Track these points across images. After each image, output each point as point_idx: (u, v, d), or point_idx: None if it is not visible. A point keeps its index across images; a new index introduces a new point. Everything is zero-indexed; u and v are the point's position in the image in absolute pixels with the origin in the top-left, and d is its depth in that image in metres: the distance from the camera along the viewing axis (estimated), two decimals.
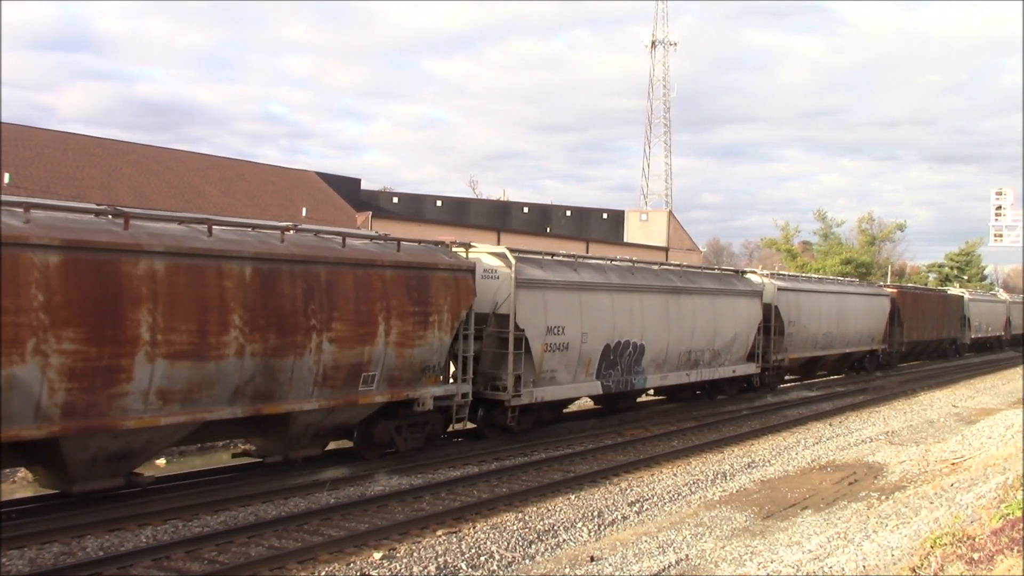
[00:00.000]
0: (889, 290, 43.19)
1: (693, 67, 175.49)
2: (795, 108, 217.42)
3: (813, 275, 38.36)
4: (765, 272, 31.87)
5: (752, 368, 28.21)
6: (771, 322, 29.17)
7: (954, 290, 57.74)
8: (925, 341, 47.26)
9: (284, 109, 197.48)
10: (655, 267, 24.93)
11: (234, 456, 16.32)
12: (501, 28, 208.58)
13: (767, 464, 18.50)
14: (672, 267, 26.29)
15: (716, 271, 28.88)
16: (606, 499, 14.90)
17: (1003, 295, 69.19)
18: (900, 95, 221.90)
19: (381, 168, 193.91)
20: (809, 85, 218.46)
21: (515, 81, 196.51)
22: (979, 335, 57.90)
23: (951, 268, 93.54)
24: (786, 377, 33.80)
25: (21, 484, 16.21)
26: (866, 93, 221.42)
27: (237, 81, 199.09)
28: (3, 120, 40.71)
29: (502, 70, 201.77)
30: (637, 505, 14.64)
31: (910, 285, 56.84)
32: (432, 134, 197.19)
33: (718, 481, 16.70)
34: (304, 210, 47.16)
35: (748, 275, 29.86)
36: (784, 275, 33.82)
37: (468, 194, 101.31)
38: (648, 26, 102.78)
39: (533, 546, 12.23)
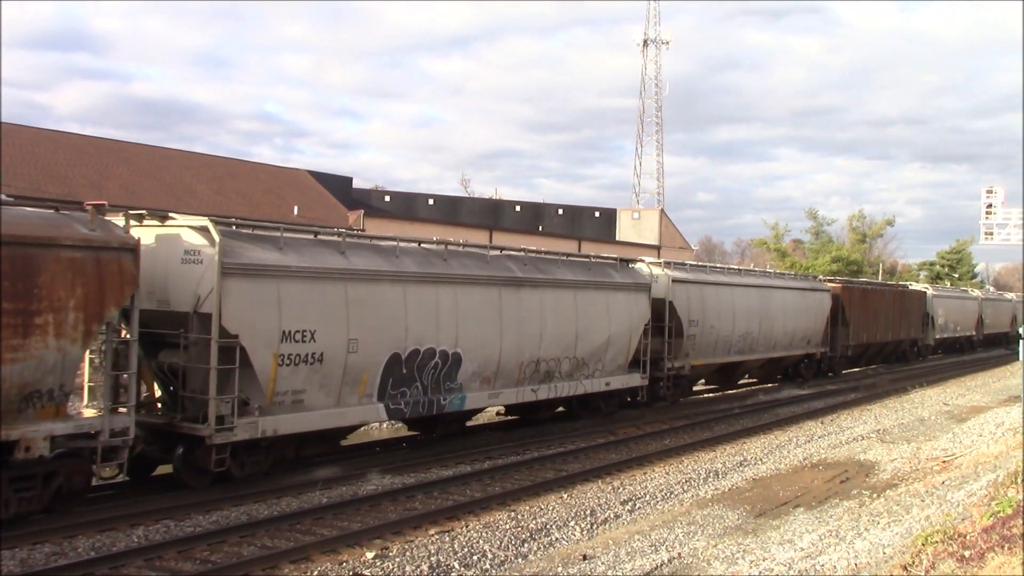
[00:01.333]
0: (831, 284, 37.37)
1: (689, 67, 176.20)
2: (790, 107, 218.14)
3: (729, 266, 31.68)
4: (658, 260, 27.10)
5: (635, 379, 23.18)
6: (666, 322, 24.50)
7: (916, 285, 52.57)
8: (878, 343, 41.92)
9: (280, 108, 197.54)
10: (489, 252, 19.31)
11: None
12: (499, 27, 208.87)
13: (759, 462, 18.53)
14: (516, 252, 20.44)
15: (586, 259, 22.75)
16: (598, 497, 14.91)
17: (975, 292, 64.01)
18: (895, 95, 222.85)
19: (376, 167, 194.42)
20: (804, 85, 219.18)
21: (512, 80, 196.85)
22: (945, 335, 52.77)
23: (942, 266, 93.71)
24: (696, 388, 29.83)
25: None
26: (861, 93, 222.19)
27: (234, 80, 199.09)
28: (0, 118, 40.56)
29: (499, 69, 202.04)
30: (629, 503, 14.65)
31: (861, 280, 50.21)
32: (428, 133, 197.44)
33: (710, 479, 16.72)
34: (296, 208, 47.08)
35: (635, 264, 24.69)
36: (685, 264, 27.90)
37: (461, 193, 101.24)
38: (659, 27, 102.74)
39: (526, 545, 12.23)
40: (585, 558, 11.50)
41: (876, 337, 41.15)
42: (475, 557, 11.59)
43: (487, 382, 18.42)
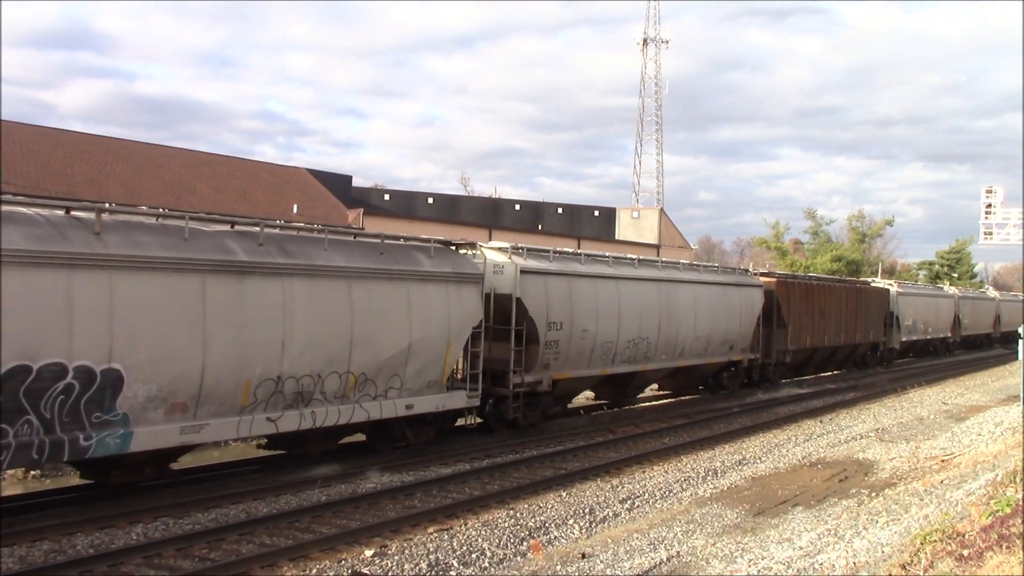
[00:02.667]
0: (764, 279, 31.63)
1: (693, 66, 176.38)
2: (792, 107, 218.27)
3: (619, 256, 24.63)
4: (504, 245, 20.61)
5: (458, 399, 18.01)
6: (513, 325, 19.27)
7: (879, 282, 46.45)
8: (827, 347, 36.25)
9: (283, 107, 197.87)
10: (188, 224, 13.41)
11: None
12: (503, 27, 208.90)
13: (758, 461, 18.54)
14: (251, 228, 14.75)
15: (377, 240, 16.77)
16: (597, 496, 14.92)
17: (951, 289, 58.13)
18: (897, 95, 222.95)
19: (377, 166, 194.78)
20: (807, 84, 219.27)
21: (515, 80, 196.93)
22: (914, 337, 47.17)
23: (941, 266, 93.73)
24: (585, 403, 25.67)
25: (11, 481, 16.16)
26: (863, 93, 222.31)
27: (237, 79, 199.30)
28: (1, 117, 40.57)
29: (503, 69, 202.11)
30: (628, 502, 14.66)
31: (805, 274, 45.22)
32: (430, 132, 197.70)
33: (709, 478, 16.73)
34: (295, 207, 47.07)
35: (467, 249, 19.46)
36: (548, 252, 21.33)
37: (461, 192, 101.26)
38: (658, 26, 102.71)
39: (524, 543, 12.23)
40: (584, 556, 11.50)
41: (824, 341, 35.37)
42: (474, 555, 11.60)
43: (179, 410, 12.89)
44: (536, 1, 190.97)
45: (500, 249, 20.23)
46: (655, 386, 28.37)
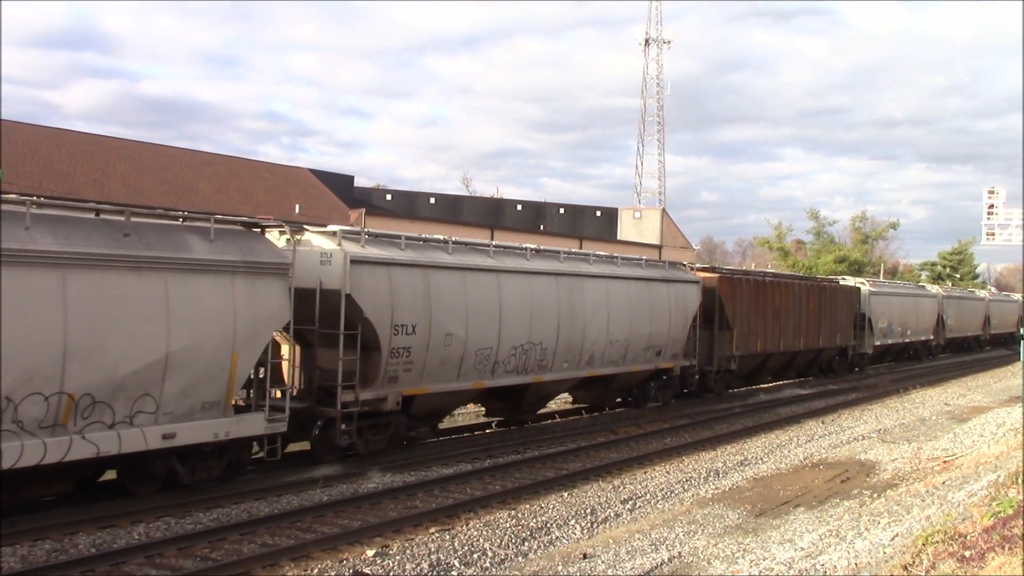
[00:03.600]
0: (702, 274, 27.56)
1: (697, 67, 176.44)
2: (796, 108, 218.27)
3: (496, 243, 20.27)
4: (332, 229, 16.44)
5: (253, 425, 14.17)
6: (342, 328, 15.62)
7: (850, 280, 42.24)
8: (784, 353, 32.17)
9: (287, 107, 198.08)
10: None
11: None
12: (507, 27, 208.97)
13: (760, 462, 18.53)
14: None
15: (122, 218, 12.69)
16: (599, 496, 14.92)
17: (934, 288, 54.04)
18: (901, 95, 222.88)
19: (381, 166, 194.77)
20: (810, 85, 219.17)
21: (519, 80, 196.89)
22: (890, 341, 43.02)
23: (944, 267, 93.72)
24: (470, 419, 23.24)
25: None
26: (867, 93, 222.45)
27: (242, 79, 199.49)
28: (1, 116, 40.62)
29: (507, 69, 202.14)
30: (630, 503, 14.65)
31: (756, 270, 39.65)
32: (434, 132, 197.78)
33: (711, 479, 16.73)
34: (297, 207, 47.11)
35: (275, 231, 15.45)
36: (399, 238, 17.26)
37: (463, 192, 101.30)
38: (660, 27, 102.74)
39: (526, 543, 12.24)
40: (585, 556, 11.50)
41: (779, 345, 31.35)
42: (475, 555, 11.59)
43: None
44: (541, 1, 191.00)
45: (329, 233, 16.18)
46: (569, 397, 25.57)
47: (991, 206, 54.79)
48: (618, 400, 25.60)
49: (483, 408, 22.44)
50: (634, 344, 23.08)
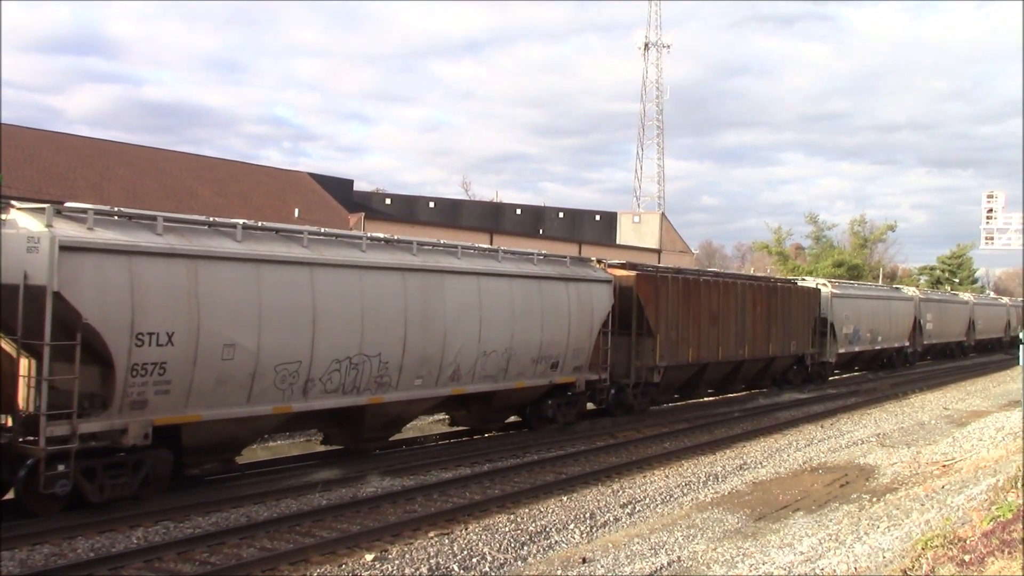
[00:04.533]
0: (618, 272, 23.68)
1: (699, 72, 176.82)
2: (797, 112, 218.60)
3: (309, 228, 16.08)
4: (43, 206, 12.38)
5: None
6: (48, 337, 11.84)
7: (810, 281, 38.26)
8: (723, 362, 28.03)
9: (290, 112, 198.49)
10: None
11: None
12: (511, 33, 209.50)
13: (759, 466, 18.52)
14: None
15: None
16: (598, 500, 14.91)
17: (910, 291, 49.46)
18: (902, 100, 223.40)
19: (382, 170, 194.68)
20: (812, 90, 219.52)
21: (522, 85, 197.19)
22: (857, 348, 38.95)
23: (942, 271, 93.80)
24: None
25: None
26: (868, 98, 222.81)
27: (245, 84, 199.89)
28: (1, 120, 40.63)
29: (510, 74, 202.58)
30: (629, 507, 14.64)
31: (691, 268, 34.52)
32: (435, 137, 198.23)
33: (710, 483, 16.72)
34: (297, 211, 47.11)
35: None
36: (134, 218, 13.24)
37: (463, 196, 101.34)
38: (659, 31, 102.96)
39: (525, 547, 12.23)
40: (584, 561, 11.49)
41: (718, 354, 27.43)
42: (474, 559, 11.58)
43: None
44: (545, 4, 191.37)
45: (38, 211, 12.26)
46: (446, 417, 21.88)
47: (990, 210, 54.83)
48: (509, 421, 22.02)
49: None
50: (519, 355, 19.22)
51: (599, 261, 23.60)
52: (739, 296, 28.77)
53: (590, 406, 23.52)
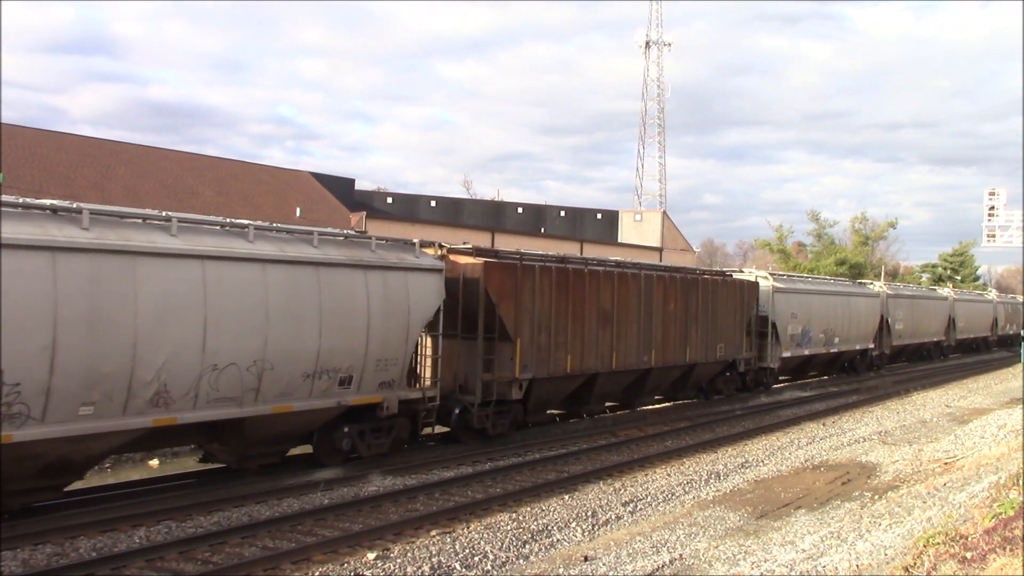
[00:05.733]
0: (464, 259, 18.98)
1: (703, 71, 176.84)
2: (801, 111, 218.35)
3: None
4: None
5: None
6: None
7: (747, 273, 32.71)
8: (618, 372, 22.78)
9: (293, 111, 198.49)
10: None
11: None
12: (515, 32, 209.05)
13: (761, 464, 18.52)
14: None
15: None
16: (600, 499, 14.91)
17: (877, 287, 43.42)
18: (905, 99, 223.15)
19: (385, 169, 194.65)
20: (816, 89, 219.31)
21: (526, 84, 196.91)
22: (807, 351, 33.91)
23: (944, 268, 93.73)
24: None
25: None
26: (872, 96, 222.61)
27: (249, 84, 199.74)
28: (1, 120, 40.65)
29: (514, 73, 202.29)
30: (631, 505, 14.65)
31: (573, 255, 23.90)
32: (439, 136, 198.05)
33: (712, 481, 16.72)
34: (298, 210, 47.13)
35: None
36: None
37: (464, 195, 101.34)
38: (660, 29, 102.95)
39: (527, 546, 12.23)
40: (586, 559, 11.50)
41: (611, 362, 22.30)
42: (476, 558, 11.59)
43: None
44: (549, 5, 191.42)
45: None
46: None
47: (992, 208, 54.83)
48: (289, 455, 16.83)
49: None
50: (282, 369, 14.42)
51: (431, 244, 18.55)
52: (643, 291, 23.51)
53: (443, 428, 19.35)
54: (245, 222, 14.63)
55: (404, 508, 13.96)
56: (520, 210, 78.99)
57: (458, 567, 11.24)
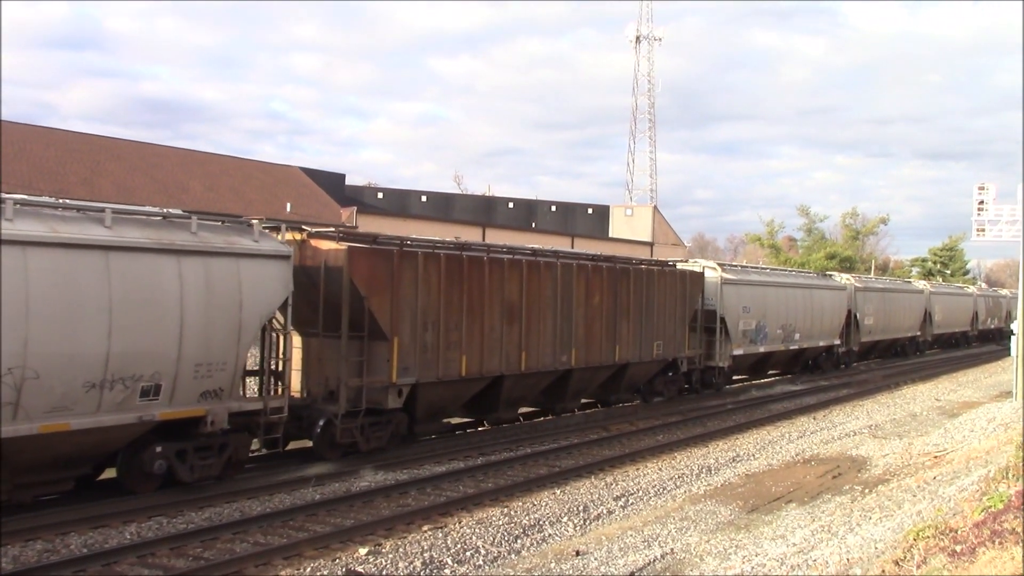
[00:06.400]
0: (323, 244, 16.56)
1: (696, 66, 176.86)
2: (792, 106, 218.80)
3: None
4: None
5: None
6: None
7: (692, 264, 29.41)
8: (530, 374, 19.90)
9: (286, 107, 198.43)
10: None
11: None
12: (509, 28, 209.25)
13: (752, 458, 18.57)
14: None
15: None
16: (591, 493, 14.94)
17: (844, 279, 40.03)
18: (898, 94, 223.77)
19: (377, 165, 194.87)
20: (808, 84, 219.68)
21: (520, 80, 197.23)
22: (763, 348, 30.78)
23: (934, 263, 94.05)
24: None
25: None
26: (864, 92, 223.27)
27: (242, 79, 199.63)
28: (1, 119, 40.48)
29: (508, 69, 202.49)
30: (622, 499, 14.67)
31: (475, 242, 21.30)
32: (432, 131, 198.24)
33: (703, 475, 16.76)
34: (288, 205, 47.02)
35: None
36: None
37: (455, 190, 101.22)
38: (651, 24, 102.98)
39: (519, 541, 12.25)
40: (578, 554, 11.51)
41: (519, 363, 19.43)
42: (468, 553, 11.60)
43: None
44: (543, 2, 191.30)
45: None
46: None
47: (981, 202, 54.93)
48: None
49: None
50: (51, 378, 11.67)
51: (278, 227, 15.46)
52: (560, 282, 20.57)
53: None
54: (8, 196, 11.73)
55: (396, 503, 13.96)
56: (511, 205, 78.99)
57: (450, 562, 11.24)
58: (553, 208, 79.12)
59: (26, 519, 11.96)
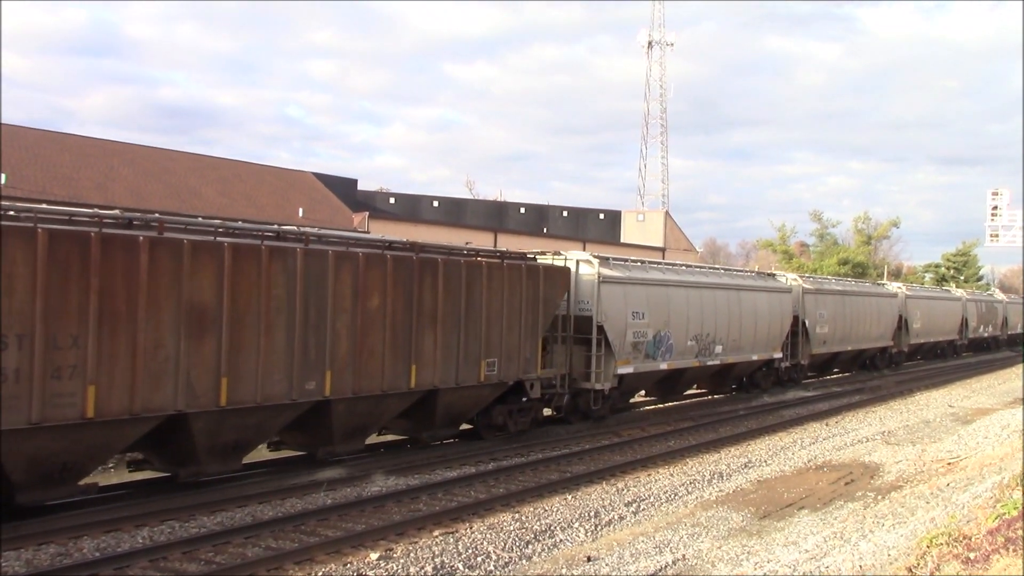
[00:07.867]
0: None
1: (711, 71, 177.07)
2: (807, 111, 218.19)
3: None
4: None
5: None
6: None
7: (565, 256, 22.05)
8: (225, 411, 13.44)
9: (302, 112, 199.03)
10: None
11: None
12: (525, 33, 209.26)
13: (764, 464, 18.51)
14: None
15: None
16: (603, 499, 14.91)
17: (790, 280, 33.08)
18: (913, 99, 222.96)
19: (390, 170, 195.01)
20: (824, 89, 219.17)
21: (535, 85, 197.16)
22: (664, 365, 24.01)
23: (947, 268, 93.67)
24: None
25: None
26: (879, 97, 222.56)
27: (258, 85, 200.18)
28: (4, 121, 40.69)
29: (523, 74, 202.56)
30: (634, 505, 14.64)
31: (247, 225, 15.66)
32: (446, 136, 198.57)
33: (715, 481, 16.71)
34: (300, 211, 47.16)
35: None
36: None
37: (466, 195, 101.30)
38: (663, 29, 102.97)
39: (530, 546, 12.23)
40: (589, 559, 11.50)
41: (214, 395, 13.21)
42: (479, 558, 11.60)
43: None
44: (558, 6, 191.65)
45: None
46: None
47: (995, 208, 54.72)
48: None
49: None
50: None
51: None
52: (300, 277, 14.54)
53: None
54: None
55: (407, 508, 13.97)
56: (523, 210, 78.99)
57: (461, 567, 11.24)
58: (565, 213, 79.08)
59: (39, 523, 12.02)
